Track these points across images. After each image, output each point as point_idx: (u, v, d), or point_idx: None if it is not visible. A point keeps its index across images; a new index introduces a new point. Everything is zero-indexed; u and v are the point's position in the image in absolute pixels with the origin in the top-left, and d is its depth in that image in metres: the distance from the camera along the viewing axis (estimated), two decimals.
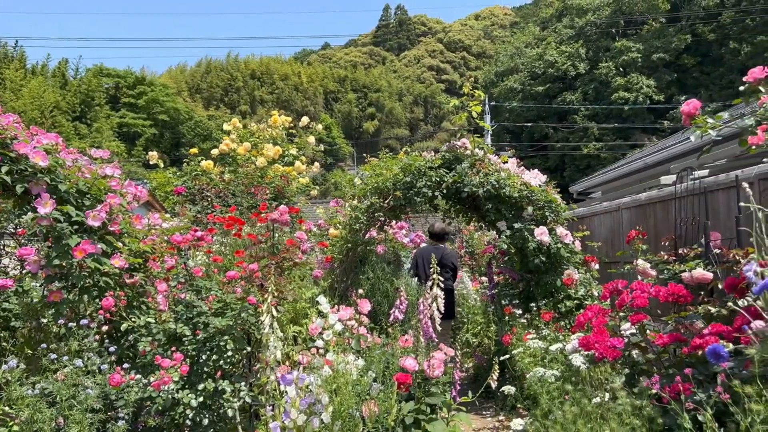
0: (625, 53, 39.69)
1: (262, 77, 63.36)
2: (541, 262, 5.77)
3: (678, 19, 41.15)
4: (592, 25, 42.69)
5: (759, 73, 2.93)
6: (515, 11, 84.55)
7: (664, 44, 39.68)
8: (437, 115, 68.58)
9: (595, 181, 13.57)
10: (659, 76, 39.23)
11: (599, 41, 42.28)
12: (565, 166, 40.06)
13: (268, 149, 7.83)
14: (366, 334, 4.30)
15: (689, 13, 40.72)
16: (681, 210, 5.03)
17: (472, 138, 6.53)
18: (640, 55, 39.36)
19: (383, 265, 6.41)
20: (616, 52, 40.42)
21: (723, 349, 2.04)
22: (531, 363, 4.46)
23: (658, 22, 41.46)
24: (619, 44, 40.49)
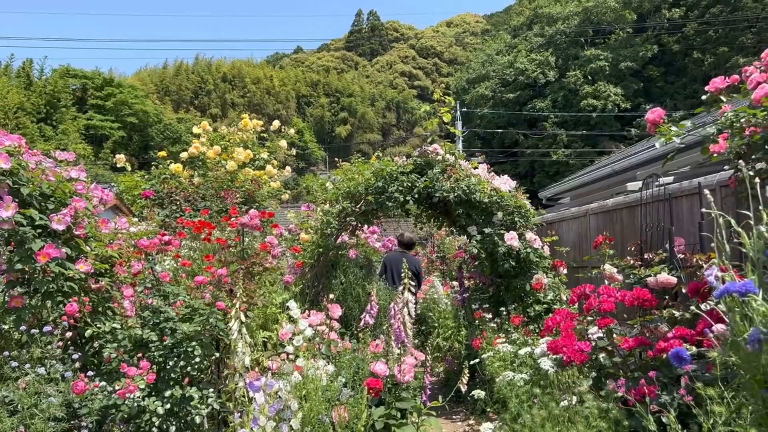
0: (593, 62, 40.46)
1: (233, 80, 62.83)
2: (511, 266, 5.83)
3: (644, 30, 42.14)
4: (562, 34, 43.41)
5: (720, 83, 3.02)
6: (486, 19, 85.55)
7: (631, 54, 40.58)
8: (409, 121, 68.85)
9: (563, 187, 13.77)
10: (626, 84, 40.08)
11: (568, 50, 43.01)
12: (535, 172, 40.60)
13: (239, 153, 7.76)
14: (337, 339, 4.28)
15: (655, 23, 41.75)
16: (646, 216, 5.13)
17: (443, 143, 6.58)
18: (607, 63, 40.17)
19: (355, 269, 6.40)
20: (584, 60, 41.18)
21: (685, 352, 2.09)
22: (500, 367, 4.49)
23: (625, 32, 42.37)
24: (588, 53, 41.26)
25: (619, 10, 42.82)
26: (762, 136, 2.85)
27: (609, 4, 42.70)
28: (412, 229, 11.27)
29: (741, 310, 1.68)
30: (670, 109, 32.85)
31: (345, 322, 5.76)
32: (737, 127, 2.94)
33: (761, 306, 1.58)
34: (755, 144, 2.88)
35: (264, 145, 9.11)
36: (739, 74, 3.30)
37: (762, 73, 3.09)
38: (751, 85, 3.04)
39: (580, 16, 43.84)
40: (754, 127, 2.90)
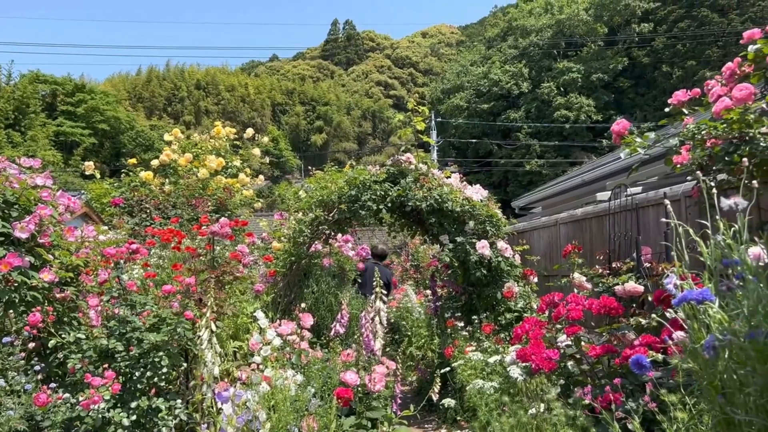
0: (565, 74, 41.13)
1: (207, 87, 62.32)
2: (483, 275, 5.87)
3: (615, 43, 43.02)
4: (535, 46, 44.06)
5: (682, 96, 3.10)
6: (461, 30, 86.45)
7: (602, 66, 41.37)
8: (385, 130, 69.05)
9: (536, 197, 13.94)
10: (598, 96, 40.81)
11: (541, 62, 43.66)
12: (509, 181, 41.01)
13: (211, 160, 7.69)
14: (308, 348, 4.26)
15: (625, 37, 42.66)
16: (615, 225, 5.22)
17: (416, 153, 6.61)
18: (579, 75, 40.87)
19: (328, 278, 6.38)
20: (557, 72, 41.84)
21: (645, 359, 2.13)
22: (471, 375, 4.51)
23: (596, 45, 43.19)
24: (561, 65, 41.95)
25: (591, 23, 43.66)
26: (722, 147, 2.93)
27: (581, 18, 43.51)
28: (386, 240, 11.39)
29: (699, 317, 1.71)
30: (640, 121, 33.58)
31: (317, 331, 5.72)
32: (699, 138, 3.01)
33: (717, 313, 1.62)
34: (716, 155, 2.96)
35: (237, 152, 9.05)
36: (701, 88, 3.39)
37: (722, 87, 3.18)
38: (713, 98, 3.12)
39: (553, 29, 44.57)
40: (715, 139, 2.98)
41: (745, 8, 38.77)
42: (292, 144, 61.40)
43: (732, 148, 2.86)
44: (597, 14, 43.99)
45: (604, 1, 43.74)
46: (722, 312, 1.62)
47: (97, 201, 18.45)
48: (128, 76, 65.31)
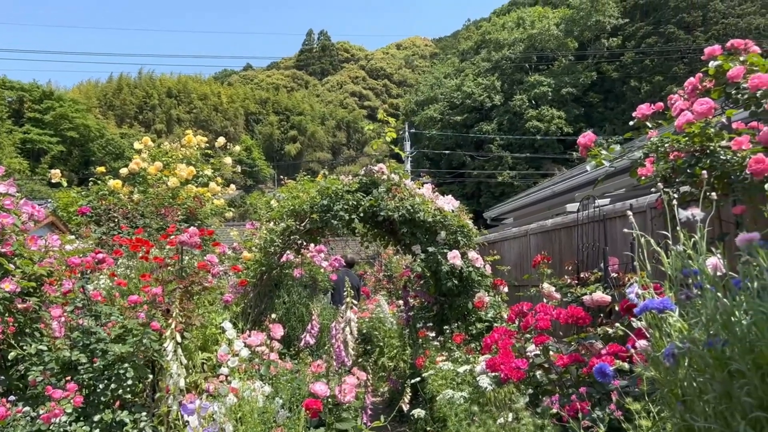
0: (537, 87, 41.82)
1: (179, 96, 61.68)
2: (454, 285, 5.89)
3: (585, 57, 43.91)
4: (508, 60, 44.71)
5: (646, 109, 3.17)
6: (435, 42, 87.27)
7: (573, 80, 42.18)
8: (359, 140, 69.15)
9: (507, 208, 14.08)
10: (568, 109, 41.55)
11: (514, 75, 44.30)
12: (481, 192, 41.39)
13: (181, 169, 7.60)
14: (277, 359, 4.22)
15: (595, 52, 43.57)
16: (583, 236, 5.30)
17: (389, 163, 6.63)
18: (550, 89, 41.59)
19: (299, 288, 6.34)
20: (529, 85, 42.51)
21: (608, 368, 2.16)
22: (442, 385, 4.51)
23: (567, 60, 44.02)
24: (532, 78, 42.64)
25: (562, 38, 44.51)
26: (685, 160, 3.00)
27: (552, 33, 44.33)
28: (359, 251, 11.53)
29: (661, 326, 1.75)
30: (610, 134, 34.18)
31: (288, 342, 5.68)
32: (662, 151, 3.09)
33: (677, 322, 1.65)
34: (679, 168, 3.03)
35: (208, 161, 8.97)
36: (664, 102, 3.48)
37: (685, 101, 3.26)
38: (675, 112, 3.20)
39: (525, 43, 45.29)
40: (678, 152, 3.06)
41: (709, 26, 40.00)
42: (266, 153, 61.04)
43: (694, 161, 2.94)
44: (567, 29, 44.88)
45: (575, 17, 44.67)
46: (682, 321, 1.66)
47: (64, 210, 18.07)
48: (98, 83, 64.31)
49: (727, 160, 2.93)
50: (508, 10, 54.65)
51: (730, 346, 1.49)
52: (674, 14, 41.53)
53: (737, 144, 2.87)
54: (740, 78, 3.08)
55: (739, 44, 3.23)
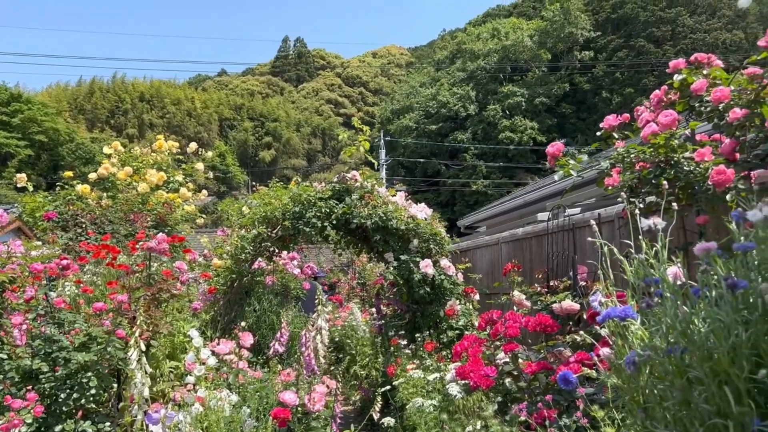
0: (511, 97, 42.34)
1: (152, 100, 60.90)
2: (426, 293, 5.90)
3: (558, 69, 44.62)
4: (482, 70, 45.19)
5: (613, 120, 3.23)
6: (411, 51, 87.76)
7: (546, 91, 42.82)
8: (335, 148, 69.06)
9: (480, 216, 14.18)
10: (541, 119, 42.15)
11: (488, 85, 44.78)
12: (456, 201, 41.65)
13: (152, 175, 7.50)
14: (246, 368, 4.17)
15: (567, 63, 44.32)
16: (553, 244, 5.36)
17: (363, 171, 6.64)
18: (524, 99, 42.15)
19: (270, 296, 6.28)
20: (503, 95, 43.01)
21: (572, 375, 2.18)
22: (413, 393, 4.50)
23: (540, 71, 44.66)
24: (506, 89, 43.16)
25: (535, 49, 45.18)
26: (650, 171, 3.06)
27: (526, 44, 44.96)
28: (332, 258, 11.64)
29: (623, 334, 1.77)
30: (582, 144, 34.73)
31: (258, 350, 5.62)
32: (628, 161, 3.15)
33: (639, 330, 1.68)
34: (644, 178, 3.09)
35: (180, 167, 8.86)
36: (631, 113, 3.55)
37: (651, 113, 3.33)
38: (642, 124, 3.27)
39: (500, 54, 45.84)
40: (643, 163, 3.12)
41: (678, 40, 41.05)
42: (240, 160, 60.57)
43: (658, 172, 3.00)
44: (541, 41, 45.57)
45: (548, 29, 45.40)
46: (643, 329, 1.68)
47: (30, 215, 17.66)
48: (68, 86, 63.16)
49: (691, 171, 2.99)
50: (483, 21, 55.30)
51: (689, 354, 1.52)
52: (644, 28, 42.54)
53: (700, 155, 2.93)
54: (703, 91, 3.16)
55: (703, 58, 3.31)
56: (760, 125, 2.89)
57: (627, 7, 43.89)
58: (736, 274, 1.61)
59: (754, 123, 2.93)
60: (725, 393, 1.43)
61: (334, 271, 14.85)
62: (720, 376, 1.47)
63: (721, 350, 1.44)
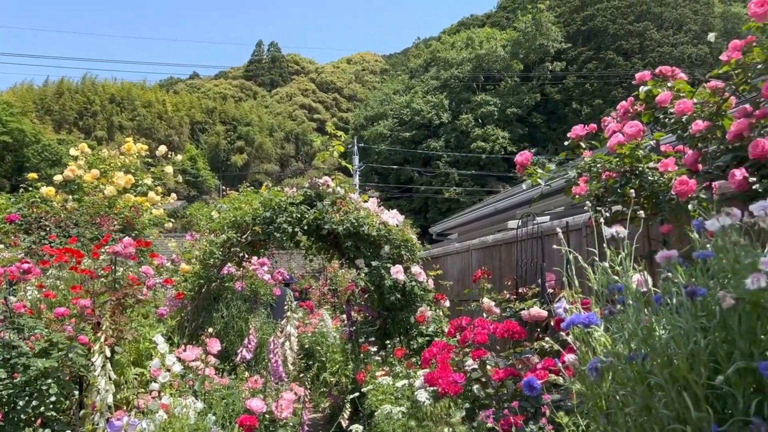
0: (483, 106, 42.79)
1: (122, 103, 59.85)
2: (397, 299, 5.91)
3: (529, 79, 45.27)
4: (456, 79, 45.59)
5: (580, 130, 3.28)
6: (385, 59, 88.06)
7: (517, 101, 43.39)
8: (308, 153, 68.74)
9: (452, 223, 14.27)
10: (513, 129, 42.69)
11: (461, 94, 45.18)
12: (429, 208, 41.85)
13: (119, 177, 7.37)
14: (213, 375, 4.11)
15: (539, 74, 45.00)
16: (522, 252, 5.42)
17: (335, 176, 6.63)
18: (496, 109, 42.64)
19: (239, 302, 6.21)
20: (475, 104, 43.44)
21: (536, 382, 2.20)
22: (382, 400, 4.49)
23: (512, 81, 45.25)
24: (479, 98, 43.62)
25: (508, 60, 45.75)
26: (616, 180, 3.12)
27: (499, 54, 45.50)
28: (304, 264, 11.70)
29: (587, 340, 1.80)
30: (552, 154, 35.24)
31: (226, 357, 5.54)
32: (595, 171, 3.20)
33: (602, 337, 1.70)
34: (610, 187, 3.15)
35: (149, 170, 8.73)
36: (599, 124, 3.62)
37: (617, 124, 3.40)
38: (608, 134, 3.33)
39: (473, 63, 46.30)
40: (610, 172, 3.18)
41: (646, 53, 42.04)
42: (211, 164, 59.89)
43: (624, 181, 3.06)
44: (513, 51, 46.17)
45: (520, 40, 46.04)
46: (606, 335, 1.71)
47: None
48: (34, 86, 61.69)
49: (655, 181, 3.06)
50: (457, 30, 55.83)
51: (649, 360, 1.55)
52: (613, 41, 43.47)
53: (664, 166, 3.00)
54: (668, 103, 3.23)
55: (667, 71, 3.39)
56: (721, 137, 2.97)
57: (597, 20, 44.82)
58: (696, 281, 1.64)
59: (716, 135, 3.01)
60: (684, 399, 1.46)
61: (305, 277, 14.76)
62: (679, 382, 1.49)
63: (681, 357, 1.47)
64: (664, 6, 44.60)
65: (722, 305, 1.50)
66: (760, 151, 2.49)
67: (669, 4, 44.70)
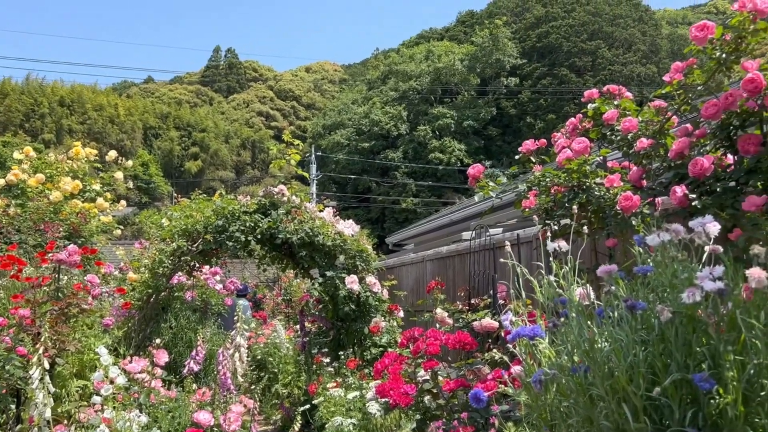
0: (440, 119, 43.35)
1: (72, 105, 57.95)
2: (351, 309, 5.89)
3: (486, 93, 46.12)
4: (414, 91, 46.06)
5: (531, 145, 3.35)
6: (344, 69, 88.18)
7: (474, 114, 44.15)
8: (265, 161, 68.00)
9: (408, 234, 14.34)
10: (469, 141, 43.38)
11: (419, 106, 45.64)
12: (386, 218, 42.00)
13: (66, 182, 7.12)
14: (159, 387, 4.00)
15: (495, 88, 45.89)
16: (475, 263, 5.48)
17: (291, 185, 6.59)
18: (453, 121, 43.27)
19: (188, 312, 6.07)
20: (433, 117, 43.97)
21: (482, 393, 2.23)
22: (334, 412, 4.46)
23: (469, 94, 46.01)
24: (436, 110, 44.17)
25: (465, 74, 46.51)
26: (564, 194, 3.20)
27: (456, 68, 46.22)
28: (257, 274, 11.56)
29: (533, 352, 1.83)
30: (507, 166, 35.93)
31: (174, 368, 5.40)
32: (544, 185, 3.28)
33: (546, 349, 1.74)
34: (559, 201, 3.23)
35: (98, 175, 8.48)
36: (548, 139, 3.71)
37: (566, 139, 3.49)
38: (558, 149, 3.42)
39: (431, 76, 46.88)
40: (558, 186, 3.26)
41: (597, 71, 43.46)
42: (164, 170, 58.54)
43: (572, 195, 3.14)
44: (471, 66, 46.98)
45: (478, 55, 46.88)
46: (550, 348, 1.74)
47: None
48: None
49: (602, 196, 3.15)
50: (416, 43, 56.47)
51: (591, 372, 1.58)
52: (567, 58, 44.77)
53: (610, 181, 3.09)
54: (614, 121, 3.34)
55: (614, 89, 3.51)
56: (664, 155, 3.09)
57: (552, 37, 46.08)
58: (636, 295, 1.70)
59: (659, 153, 3.13)
60: (624, 410, 1.50)
61: (259, 287, 14.55)
62: (619, 393, 1.53)
63: (621, 369, 1.51)
64: (615, 26, 46.23)
65: (660, 318, 1.55)
66: (699, 169, 2.60)
67: (620, 25, 46.37)
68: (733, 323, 1.54)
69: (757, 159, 2.49)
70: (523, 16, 50.38)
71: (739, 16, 2.54)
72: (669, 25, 53.01)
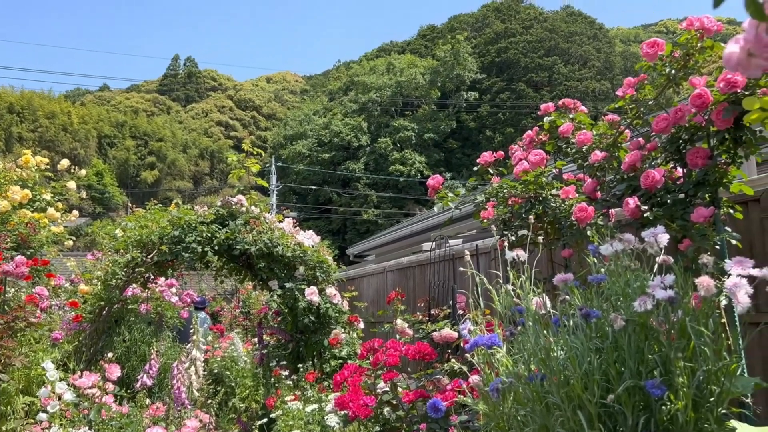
0: (401, 131, 43.71)
1: (22, 112, 56.11)
2: (311, 321, 5.83)
3: (446, 107, 46.74)
4: (375, 103, 46.31)
5: (489, 156, 3.40)
6: (306, 79, 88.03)
7: (434, 127, 44.69)
8: (224, 171, 67.00)
9: (370, 245, 14.34)
10: (429, 153, 43.82)
11: (380, 118, 45.91)
12: (347, 229, 41.94)
13: (14, 192, 6.86)
14: (111, 403, 3.87)
15: (455, 102, 46.56)
16: (435, 273, 5.51)
17: (250, 195, 6.50)
18: (414, 134, 43.70)
19: (142, 325, 5.91)
20: (393, 129, 44.29)
21: (441, 403, 2.23)
22: (292, 426, 4.39)
23: (430, 107, 46.54)
24: (397, 123, 44.52)
25: (426, 87, 47.08)
26: (521, 205, 3.25)
27: (418, 81, 46.75)
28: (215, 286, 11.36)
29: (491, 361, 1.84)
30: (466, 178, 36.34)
31: (127, 383, 5.24)
32: (502, 196, 3.33)
33: (503, 358, 1.75)
34: (516, 212, 3.28)
35: (49, 185, 8.20)
36: (506, 151, 3.77)
37: (523, 152, 3.55)
38: (515, 161, 3.48)
39: (393, 89, 47.25)
40: (516, 198, 3.31)
41: (554, 86, 44.60)
42: (120, 180, 57.15)
43: (529, 207, 3.20)
44: (432, 79, 47.57)
45: (438, 69, 47.52)
46: (508, 357, 1.76)
47: None
48: None
49: (557, 207, 3.21)
50: (377, 55, 56.86)
51: (547, 380, 1.60)
52: (524, 73, 45.82)
53: (565, 193, 3.16)
54: (570, 134, 3.42)
55: (569, 103, 3.59)
56: (617, 167, 3.17)
57: (510, 53, 47.09)
58: (591, 304, 1.73)
59: (612, 165, 3.21)
60: (579, 417, 1.52)
61: (217, 299, 14.29)
62: (575, 401, 1.56)
63: (576, 376, 1.53)
64: (571, 43, 47.58)
65: (614, 326, 1.58)
66: (651, 181, 2.68)
67: (575, 42, 47.76)
68: (683, 331, 1.59)
69: (705, 172, 2.58)
70: (483, 31, 51.42)
71: (687, 34, 2.64)
72: (622, 42, 54.80)
